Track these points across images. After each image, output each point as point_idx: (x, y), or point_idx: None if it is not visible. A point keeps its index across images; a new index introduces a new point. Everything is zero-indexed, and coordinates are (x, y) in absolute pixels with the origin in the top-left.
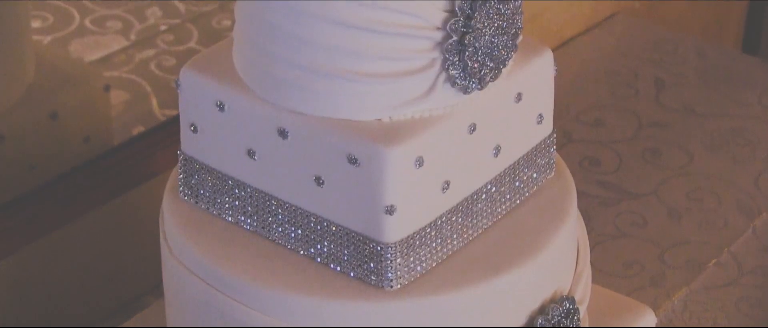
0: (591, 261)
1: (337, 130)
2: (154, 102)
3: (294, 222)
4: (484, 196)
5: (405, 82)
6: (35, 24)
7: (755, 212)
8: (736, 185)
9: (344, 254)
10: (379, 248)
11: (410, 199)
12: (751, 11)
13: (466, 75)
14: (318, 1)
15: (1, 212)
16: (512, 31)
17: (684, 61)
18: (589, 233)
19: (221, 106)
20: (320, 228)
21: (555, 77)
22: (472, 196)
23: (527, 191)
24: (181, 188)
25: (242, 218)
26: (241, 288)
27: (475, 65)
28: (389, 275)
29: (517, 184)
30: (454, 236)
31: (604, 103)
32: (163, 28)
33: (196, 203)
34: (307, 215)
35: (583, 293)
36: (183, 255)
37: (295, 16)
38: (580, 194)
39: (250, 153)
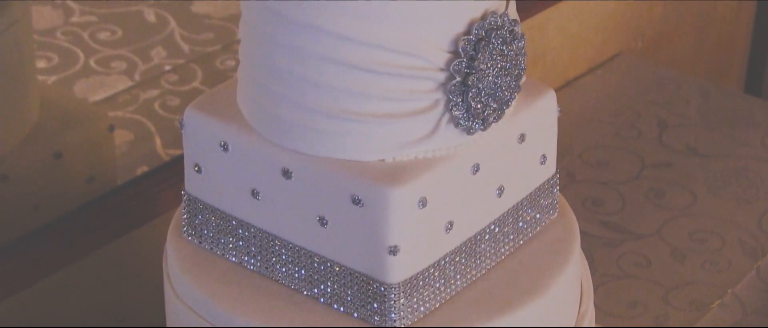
0: (594, 302)
1: (341, 171)
2: (158, 142)
3: (297, 262)
4: (487, 236)
5: (408, 122)
6: (40, 64)
7: (759, 253)
8: (740, 226)
9: (348, 295)
10: (382, 289)
11: (413, 239)
12: (753, 52)
13: (470, 116)
14: (321, 42)
15: (5, 252)
16: (515, 72)
17: (687, 101)
18: (592, 273)
19: (225, 147)
20: (324, 268)
21: (558, 117)
22: (475, 236)
23: (530, 232)
24: (185, 228)
25: (246, 258)
26: None
27: (479, 106)
28: (393, 315)
29: (521, 224)
30: (458, 277)
31: (607, 143)
32: (167, 68)
33: (200, 243)
34: (310, 256)
35: None
36: (186, 295)
37: (299, 57)
38: (584, 235)
39: (254, 193)
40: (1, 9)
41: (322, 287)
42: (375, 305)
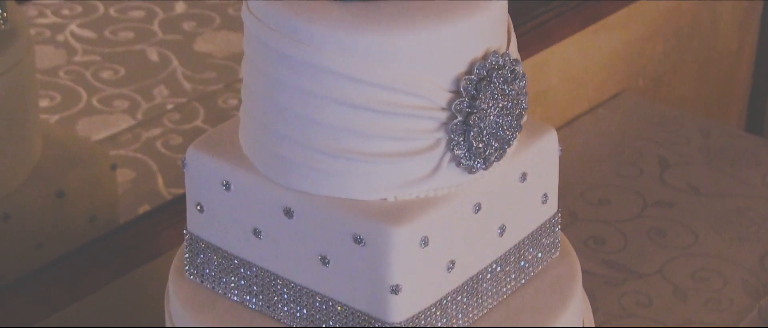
0: None
1: (343, 210)
2: (160, 180)
3: (299, 302)
4: (489, 275)
5: (410, 162)
6: (43, 103)
7: (761, 292)
8: (742, 265)
9: None
10: None
11: (415, 278)
12: (754, 91)
13: (471, 155)
14: (323, 81)
15: (7, 291)
16: (517, 112)
17: (688, 140)
18: (594, 312)
19: (227, 186)
20: (326, 308)
21: (560, 156)
22: (477, 275)
23: (532, 271)
24: (187, 267)
25: (248, 297)
26: None
27: (480, 145)
28: None
29: (523, 263)
30: (460, 316)
31: (608, 182)
32: (169, 107)
33: (202, 282)
34: (312, 295)
35: None
36: None
37: (300, 96)
38: (586, 274)
39: (256, 232)
40: (4, 49)
41: (325, 326)
42: None
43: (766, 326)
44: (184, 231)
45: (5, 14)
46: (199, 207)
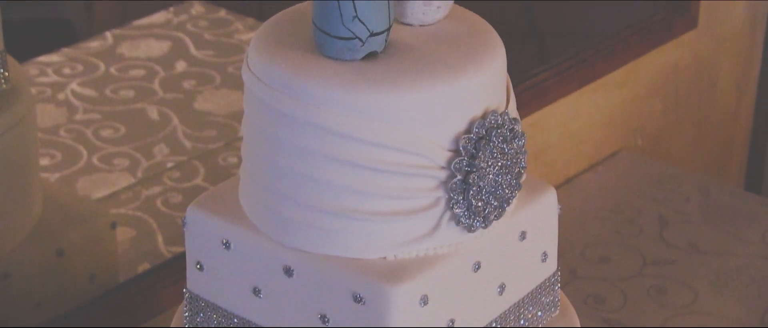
0: None
1: (342, 269)
2: (160, 239)
3: None
4: None
5: (410, 220)
6: (44, 161)
7: None
8: (742, 324)
9: None
10: None
11: None
12: (753, 149)
13: (471, 214)
14: (322, 140)
15: None
16: (516, 170)
17: (687, 198)
18: None
19: (227, 245)
20: None
21: (559, 215)
22: None
23: None
24: (187, 326)
25: None
26: None
27: (480, 204)
28: None
29: (522, 322)
30: None
31: (608, 240)
32: (169, 165)
33: None
34: None
35: None
36: None
37: (299, 154)
38: None
39: (256, 291)
40: (6, 108)
41: None
42: None
43: None
44: (184, 290)
45: (7, 73)
46: (199, 266)
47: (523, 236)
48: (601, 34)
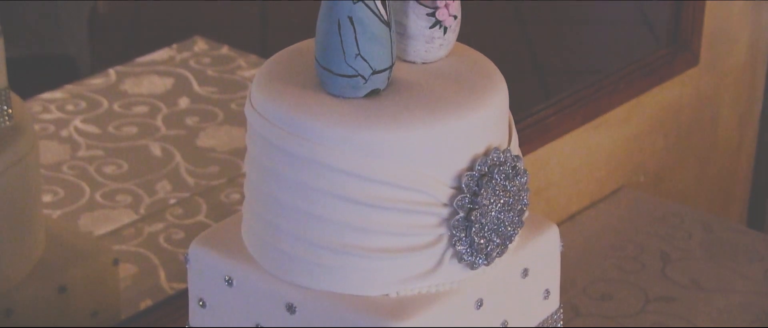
0: None
1: (344, 306)
2: (163, 275)
3: None
4: None
5: (412, 257)
6: (46, 198)
7: None
8: None
9: None
10: None
11: None
12: (755, 186)
13: (473, 251)
14: (325, 177)
15: None
16: (518, 208)
17: (690, 235)
18: None
19: (229, 282)
20: None
21: (561, 252)
22: None
23: None
24: None
25: None
26: None
27: (482, 241)
28: None
29: None
30: None
31: (610, 277)
32: (172, 201)
33: None
34: None
35: None
36: None
37: (302, 191)
38: None
39: None
40: (9, 145)
41: None
42: None
43: None
44: (186, 327)
45: (10, 110)
46: (201, 303)
47: (525, 273)
48: (603, 71)
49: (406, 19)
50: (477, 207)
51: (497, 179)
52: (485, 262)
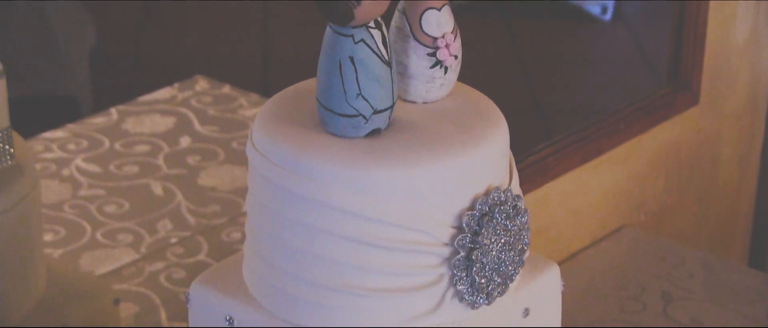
0: None
1: None
2: (164, 315)
3: None
4: None
5: (413, 297)
6: (48, 237)
7: None
8: None
9: None
10: None
11: None
12: (756, 225)
13: (474, 290)
14: (325, 216)
15: None
16: (519, 247)
17: (691, 275)
18: None
19: (230, 321)
20: None
21: (562, 291)
22: None
23: None
24: None
25: None
26: None
27: (483, 281)
28: None
29: None
30: None
31: (612, 317)
32: (173, 240)
33: None
34: None
35: None
36: None
37: (302, 231)
38: None
39: None
40: (11, 184)
41: None
42: None
43: None
44: None
45: (12, 150)
46: None
47: (526, 312)
48: (604, 111)
49: (407, 59)
50: (478, 247)
51: (498, 219)
52: (486, 301)
